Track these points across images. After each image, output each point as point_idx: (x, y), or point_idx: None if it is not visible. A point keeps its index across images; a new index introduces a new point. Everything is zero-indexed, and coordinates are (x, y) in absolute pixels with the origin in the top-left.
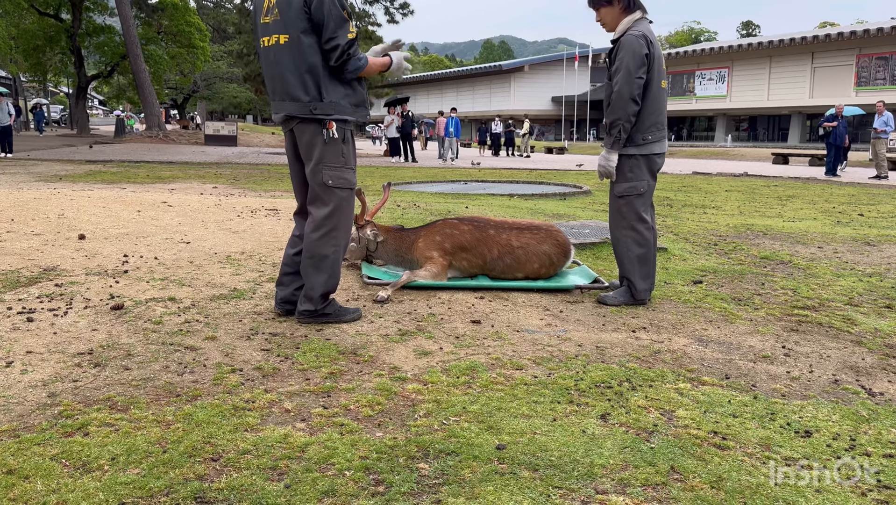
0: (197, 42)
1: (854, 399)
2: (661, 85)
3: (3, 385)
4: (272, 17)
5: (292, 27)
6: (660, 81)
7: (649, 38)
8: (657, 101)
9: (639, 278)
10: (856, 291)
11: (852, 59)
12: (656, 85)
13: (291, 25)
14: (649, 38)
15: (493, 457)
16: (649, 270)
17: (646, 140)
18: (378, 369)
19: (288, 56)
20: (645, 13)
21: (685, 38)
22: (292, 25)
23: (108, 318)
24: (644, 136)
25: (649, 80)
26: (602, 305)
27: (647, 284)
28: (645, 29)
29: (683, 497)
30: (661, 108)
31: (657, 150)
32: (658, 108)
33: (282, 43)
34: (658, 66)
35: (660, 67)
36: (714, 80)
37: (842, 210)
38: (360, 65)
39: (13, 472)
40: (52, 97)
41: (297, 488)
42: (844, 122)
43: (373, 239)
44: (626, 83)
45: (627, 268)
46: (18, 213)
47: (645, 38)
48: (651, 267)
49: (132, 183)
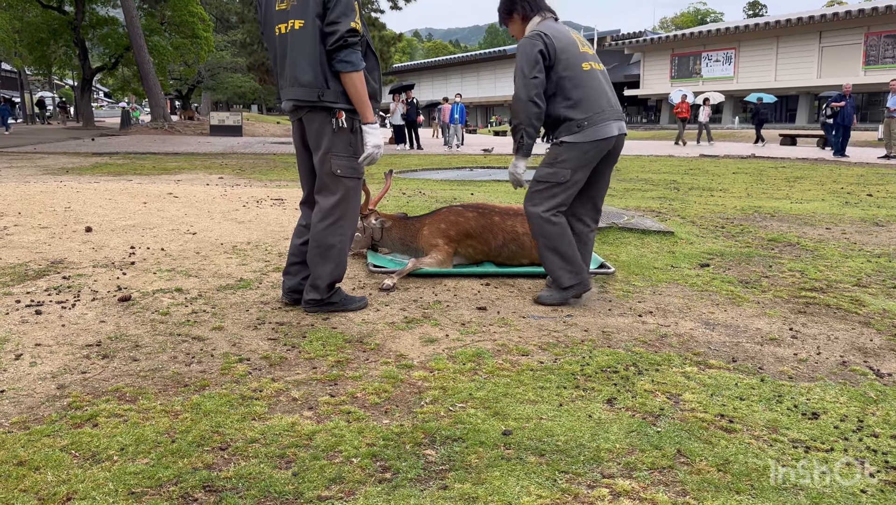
0: (200, 32)
1: (862, 380)
2: (583, 68)
3: (13, 377)
4: (289, 2)
5: (309, 12)
6: (579, 66)
7: (546, 33)
8: (584, 86)
9: (558, 269)
10: (864, 271)
11: (861, 38)
12: (575, 71)
13: (308, 10)
14: (545, 34)
15: (499, 442)
16: (567, 263)
17: (581, 127)
18: (384, 357)
19: (300, 40)
20: (545, 15)
21: (691, 20)
22: (309, 10)
23: (115, 309)
24: (579, 124)
25: (561, 70)
26: (606, 290)
27: (573, 277)
28: (542, 27)
29: (690, 480)
30: (593, 91)
31: (601, 134)
32: (589, 94)
33: (297, 28)
34: (568, 54)
35: (572, 54)
36: (720, 62)
37: (850, 191)
38: (352, 59)
39: (23, 463)
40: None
41: (305, 476)
42: (853, 101)
43: (378, 228)
44: (521, 86)
45: (542, 259)
46: (25, 207)
47: (539, 35)
48: (571, 260)
49: (138, 175)
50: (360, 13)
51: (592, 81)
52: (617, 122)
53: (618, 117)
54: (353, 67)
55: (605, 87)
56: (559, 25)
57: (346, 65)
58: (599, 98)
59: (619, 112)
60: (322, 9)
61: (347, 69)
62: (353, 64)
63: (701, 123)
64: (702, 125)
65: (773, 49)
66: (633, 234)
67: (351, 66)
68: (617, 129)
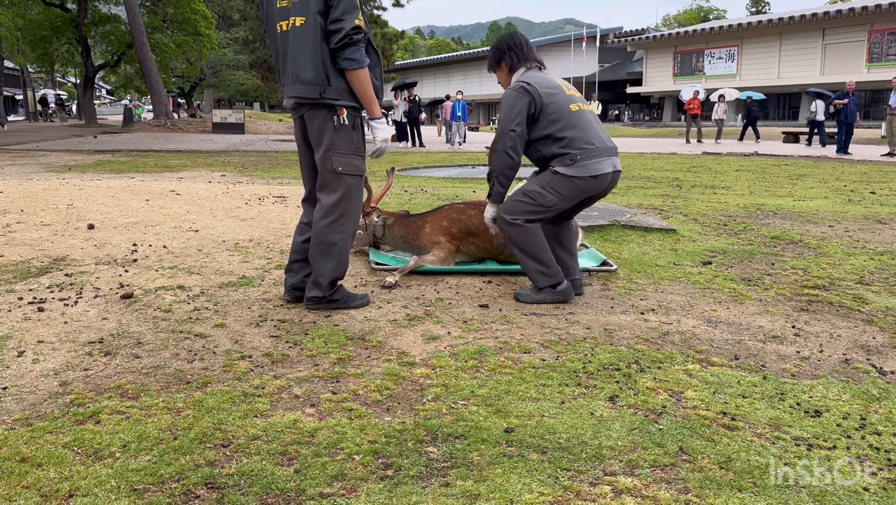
0: (202, 30)
1: (864, 378)
2: (571, 109)
3: (16, 374)
4: (289, 0)
5: (310, 9)
6: (567, 107)
7: (530, 83)
8: (575, 126)
9: (534, 272)
10: (867, 269)
11: (864, 35)
12: (563, 113)
13: (309, 7)
14: (529, 83)
15: (501, 440)
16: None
17: (574, 160)
18: (386, 354)
19: (301, 38)
20: (530, 65)
21: (694, 17)
22: (310, 7)
23: (117, 307)
24: (572, 157)
25: (550, 114)
26: (608, 288)
27: (547, 279)
28: (527, 77)
29: (692, 478)
30: (583, 130)
31: (594, 171)
32: (579, 133)
33: (298, 25)
34: (555, 98)
35: (558, 98)
36: (723, 59)
37: (853, 188)
38: (357, 56)
39: (26, 460)
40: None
41: (307, 473)
42: (856, 98)
43: (380, 225)
44: (499, 136)
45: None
46: (28, 204)
47: (524, 87)
48: (546, 263)
49: (140, 172)
50: (362, 10)
51: (581, 121)
52: (610, 158)
53: (610, 154)
54: (359, 64)
55: (594, 125)
56: (544, 74)
57: (352, 62)
58: (589, 135)
59: (611, 149)
60: (323, 6)
61: (353, 66)
62: (358, 61)
63: (716, 121)
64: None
65: (776, 46)
66: (635, 232)
67: (356, 63)
68: (611, 167)
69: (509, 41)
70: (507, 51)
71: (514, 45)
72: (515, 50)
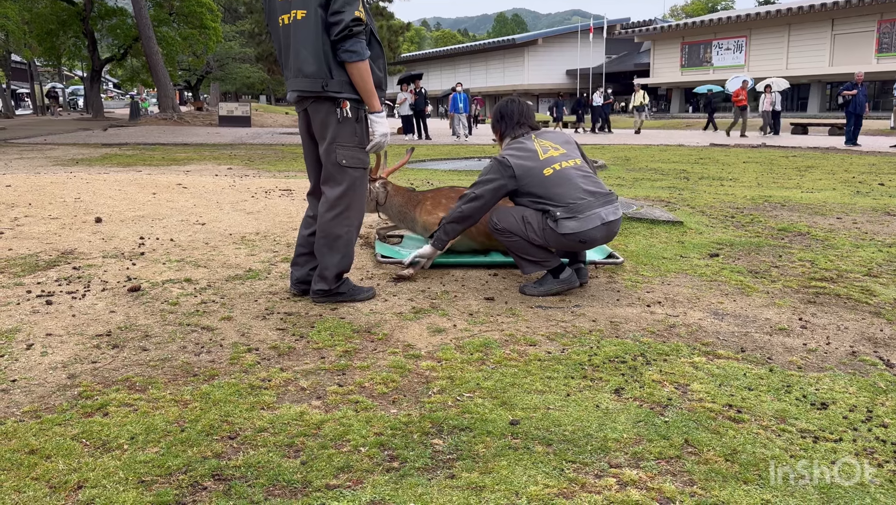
0: (208, 23)
1: (871, 371)
2: (545, 175)
3: (24, 367)
4: None
5: (311, 1)
6: (541, 175)
7: (508, 158)
8: (552, 188)
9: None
10: (875, 261)
11: (874, 25)
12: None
13: (310, 0)
14: (507, 159)
15: (506, 432)
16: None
17: (556, 220)
18: (392, 347)
19: (303, 30)
20: (515, 134)
21: (702, 8)
22: (311, 0)
23: (125, 300)
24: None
25: (527, 187)
26: (614, 280)
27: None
28: (509, 149)
29: (697, 470)
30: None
31: (575, 231)
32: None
33: (299, 18)
34: (530, 171)
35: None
36: (731, 50)
37: (861, 180)
38: (357, 49)
39: (35, 451)
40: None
41: (313, 465)
42: (864, 89)
43: (382, 191)
44: (467, 193)
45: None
46: (36, 198)
47: (503, 163)
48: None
49: (147, 165)
50: (364, 1)
51: (559, 181)
52: (602, 208)
53: (603, 203)
54: (359, 57)
55: (574, 180)
56: (526, 142)
57: (352, 54)
58: (573, 191)
59: (604, 197)
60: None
61: (353, 59)
62: (358, 53)
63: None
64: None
65: (784, 37)
66: (641, 224)
67: (356, 55)
68: (599, 220)
69: (503, 110)
70: (499, 120)
71: (505, 115)
72: (506, 119)
